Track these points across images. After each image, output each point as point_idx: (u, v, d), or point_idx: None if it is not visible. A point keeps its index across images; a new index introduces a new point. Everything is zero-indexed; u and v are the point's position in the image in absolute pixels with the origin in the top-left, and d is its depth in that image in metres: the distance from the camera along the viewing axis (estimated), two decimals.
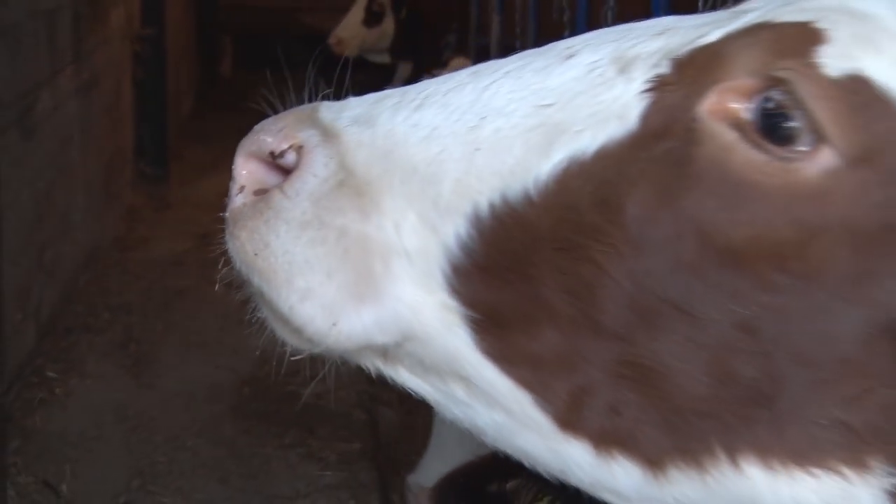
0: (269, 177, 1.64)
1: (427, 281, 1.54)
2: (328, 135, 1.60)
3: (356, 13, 13.01)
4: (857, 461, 1.41)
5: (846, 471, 1.41)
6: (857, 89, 1.35)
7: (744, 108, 1.38)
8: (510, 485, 2.23)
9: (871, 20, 1.41)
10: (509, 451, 1.64)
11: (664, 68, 1.47)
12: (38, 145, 6.83)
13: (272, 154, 1.62)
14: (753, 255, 1.38)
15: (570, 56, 1.57)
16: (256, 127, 1.68)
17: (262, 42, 17.23)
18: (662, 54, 1.49)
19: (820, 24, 1.40)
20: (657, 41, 1.53)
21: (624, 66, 1.50)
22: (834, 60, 1.36)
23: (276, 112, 1.77)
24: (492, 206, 1.50)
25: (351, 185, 1.56)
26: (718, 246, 1.38)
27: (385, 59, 13.29)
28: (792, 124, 1.34)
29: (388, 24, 12.88)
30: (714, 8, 4.29)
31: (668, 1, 5.78)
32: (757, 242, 1.37)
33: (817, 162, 1.34)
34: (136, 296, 8.24)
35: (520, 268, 1.50)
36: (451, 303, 1.53)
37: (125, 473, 5.81)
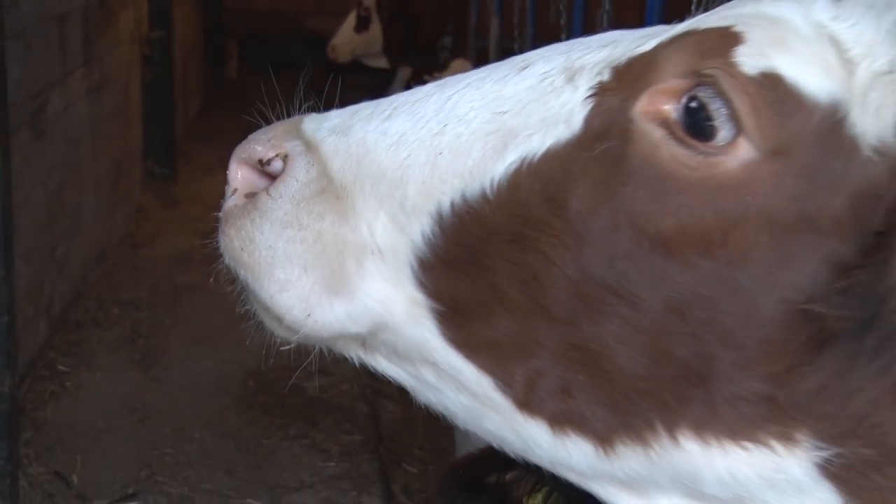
0: (258, 182, 1.79)
1: (397, 276, 1.65)
2: (310, 145, 1.73)
3: (350, 20, 13.09)
4: (784, 435, 1.48)
5: (775, 444, 1.48)
6: (772, 85, 1.42)
7: (671, 108, 1.46)
8: (509, 476, 2.26)
9: (783, 23, 1.48)
10: (478, 432, 1.73)
11: (606, 76, 1.56)
12: (49, 145, 6.83)
13: (261, 161, 1.76)
14: (681, 242, 1.45)
15: (525, 67, 1.67)
16: (249, 136, 1.82)
17: (266, 45, 17.25)
18: (605, 64, 1.58)
19: (737, 28, 1.48)
20: (602, 52, 1.62)
21: (571, 76, 1.59)
22: (751, 59, 1.44)
23: (268, 122, 1.89)
24: (453, 205, 1.60)
25: (329, 190, 1.69)
26: (650, 235, 1.46)
27: (383, 63, 13.30)
28: (712, 121, 1.42)
29: (375, 29, 12.96)
30: (707, 10, 4.26)
31: (663, 4, 5.78)
32: (684, 231, 1.44)
33: (736, 155, 1.42)
34: (145, 292, 8.25)
35: (477, 260, 1.59)
36: (419, 296, 1.63)
37: (134, 464, 5.82)
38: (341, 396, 6.67)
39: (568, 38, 7.81)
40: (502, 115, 1.62)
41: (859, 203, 1.40)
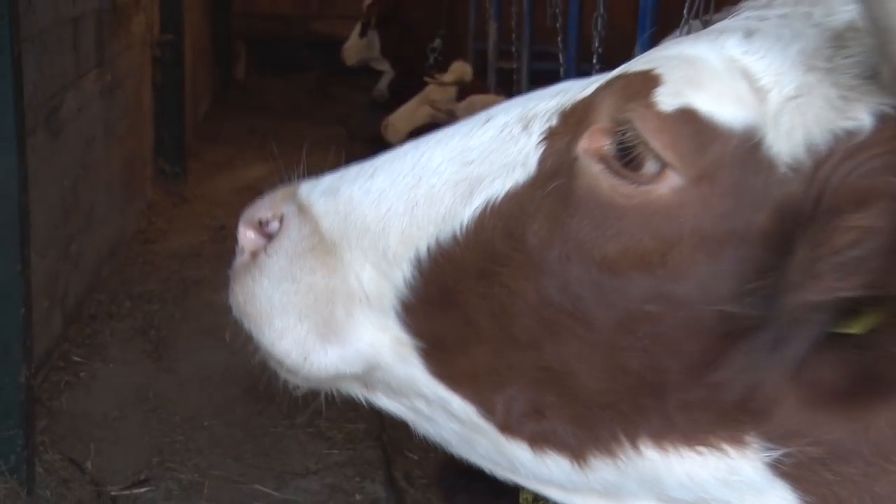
0: (261, 242, 1.94)
1: (383, 320, 1.78)
2: (303, 207, 1.88)
3: (358, 27, 13.19)
4: (734, 438, 1.56)
5: (726, 447, 1.57)
6: (688, 120, 1.53)
7: (606, 145, 1.57)
8: None
9: (698, 62, 1.59)
10: (471, 458, 1.86)
11: (555, 121, 1.69)
12: (63, 144, 6.83)
13: (261, 223, 1.93)
14: (624, 264, 1.55)
15: (488, 120, 1.81)
16: (255, 202, 1.97)
17: (273, 47, 17.26)
18: (555, 110, 1.71)
19: (658, 71, 1.60)
20: (553, 101, 1.75)
21: (526, 124, 1.73)
22: (668, 98, 1.55)
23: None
24: (429, 250, 1.73)
25: (320, 246, 1.83)
26: (597, 260, 1.57)
27: (385, 66, 13.31)
28: (640, 154, 1.53)
29: (373, 34, 13.04)
30: (699, 15, 4.27)
31: (655, 8, 5.77)
32: (626, 253, 1.55)
33: (666, 183, 1.52)
34: (156, 285, 8.25)
35: (453, 298, 1.72)
36: (404, 336, 1.76)
37: (146, 451, 5.83)
38: None
39: (564, 40, 7.80)
40: (469, 164, 1.74)
41: (781, 216, 1.48)
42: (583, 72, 6.93)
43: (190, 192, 10.79)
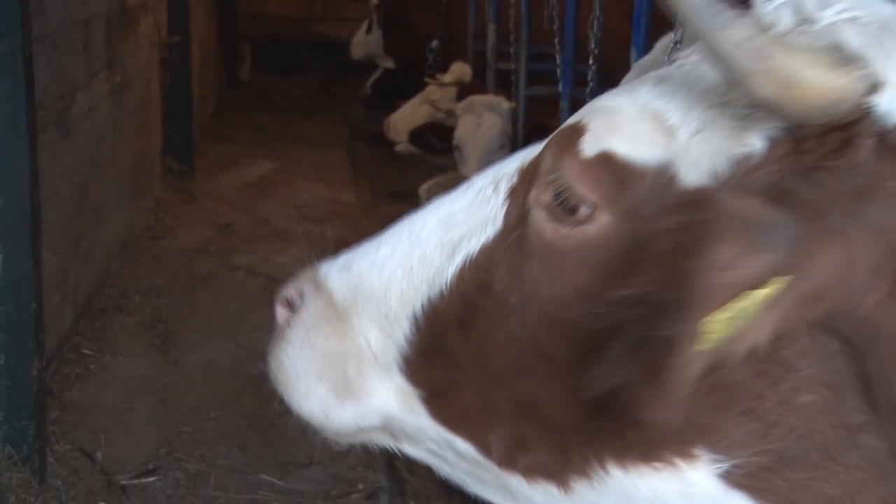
0: (289, 316, 2.14)
1: (389, 375, 1.96)
2: (319, 283, 2.08)
3: (365, 23, 13.22)
4: (684, 452, 1.66)
5: (678, 462, 1.67)
6: (608, 162, 1.68)
7: (546, 194, 1.73)
8: None
9: (615, 111, 1.75)
10: (483, 495, 2.01)
11: (515, 179, 1.87)
12: (74, 143, 6.83)
13: (287, 300, 2.14)
14: (570, 298, 1.69)
15: (469, 186, 1.98)
16: (287, 283, 2.19)
17: (278, 48, 17.27)
18: (516, 170, 1.89)
19: (584, 121, 1.76)
20: (516, 162, 1.93)
21: (496, 184, 1.90)
22: (590, 145, 1.71)
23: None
24: (423, 307, 1.90)
25: (333, 315, 2.03)
26: (547, 298, 1.72)
27: (390, 63, 13.31)
28: (572, 198, 1.69)
29: (376, 31, 13.07)
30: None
31: (650, 11, 5.76)
32: (570, 289, 1.69)
33: (597, 222, 1.67)
34: (164, 280, 8.26)
35: (443, 348, 1.89)
36: (408, 387, 1.94)
37: (154, 442, 5.83)
38: None
39: (561, 42, 7.80)
40: (453, 228, 1.92)
41: None
42: (579, 73, 6.93)
43: (197, 190, 10.79)
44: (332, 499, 5.35)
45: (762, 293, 1.49)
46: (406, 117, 9.91)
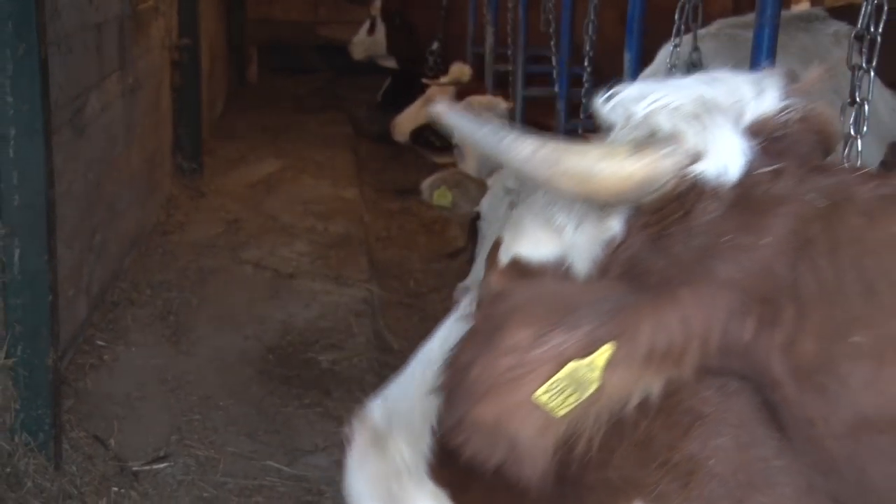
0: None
1: (421, 481, 2.19)
2: (365, 418, 2.37)
3: (367, 23, 13.15)
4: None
5: None
6: (515, 266, 1.93)
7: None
8: None
9: (519, 222, 1.97)
10: None
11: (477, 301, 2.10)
12: (88, 142, 6.83)
13: (346, 437, 2.42)
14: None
15: (455, 321, 2.21)
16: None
17: (284, 51, 17.25)
18: (473, 302, 2.15)
19: (502, 234, 2.02)
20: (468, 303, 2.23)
21: (467, 312, 2.08)
22: (503, 255, 1.98)
23: None
24: (437, 419, 2.08)
25: (377, 443, 2.30)
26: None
27: (392, 63, 13.28)
28: None
29: (380, 32, 13.00)
30: (687, 23, 4.28)
31: (642, 15, 5.76)
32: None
33: None
34: (174, 274, 8.26)
35: (454, 450, 1.94)
36: (435, 489, 2.16)
37: (165, 429, 5.84)
38: (352, 369, 6.69)
39: (556, 45, 7.80)
40: (447, 348, 1.99)
41: None
42: (574, 74, 6.93)
43: (206, 187, 10.79)
44: (336, 484, 5.34)
45: (585, 362, 1.60)
46: (410, 118, 9.91)
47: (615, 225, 1.76)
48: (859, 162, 3.33)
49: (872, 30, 3.22)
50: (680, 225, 1.69)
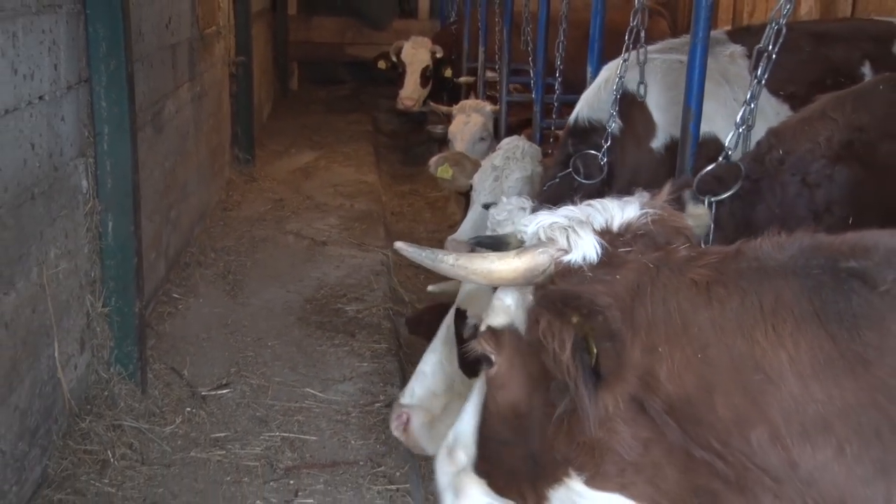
0: None
1: (474, 478, 2.49)
2: (448, 447, 2.62)
3: (416, 75, 11.66)
4: (566, 474, 2.21)
5: (566, 480, 2.22)
6: (489, 332, 2.40)
7: (483, 356, 2.39)
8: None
9: (491, 306, 2.40)
10: None
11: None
12: (165, 137, 6.84)
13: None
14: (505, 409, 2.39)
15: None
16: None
17: (318, 66, 17.17)
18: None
19: (485, 314, 2.47)
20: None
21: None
22: (482, 326, 2.43)
23: None
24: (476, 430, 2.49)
25: (449, 454, 2.58)
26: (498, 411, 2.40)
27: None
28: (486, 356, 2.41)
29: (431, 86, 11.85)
30: (635, 44, 4.27)
31: (601, 37, 5.74)
32: (503, 404, 2.41)
33: (495, 363, 2.36)
34: (233, 241, 8.27)
35: (483, 451, 2.48)
36: (479, 479, 2.48)
37: (226, 363, 5.87)
38: (372, 316, 6.71)
39: (534, 60, 7.72)
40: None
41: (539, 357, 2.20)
42: (548, 83, 6.91)
43: (257, 173, 10.78)
44: (360, 406, 5.39)
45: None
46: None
47: (529, 297, 2.23)
48: (751, 146, 3.38)
49: (770, 48, 3.21)
50: (548, 285, 2.18)
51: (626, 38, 4.55)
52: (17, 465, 4.10)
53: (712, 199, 3.13)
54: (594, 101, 4.76)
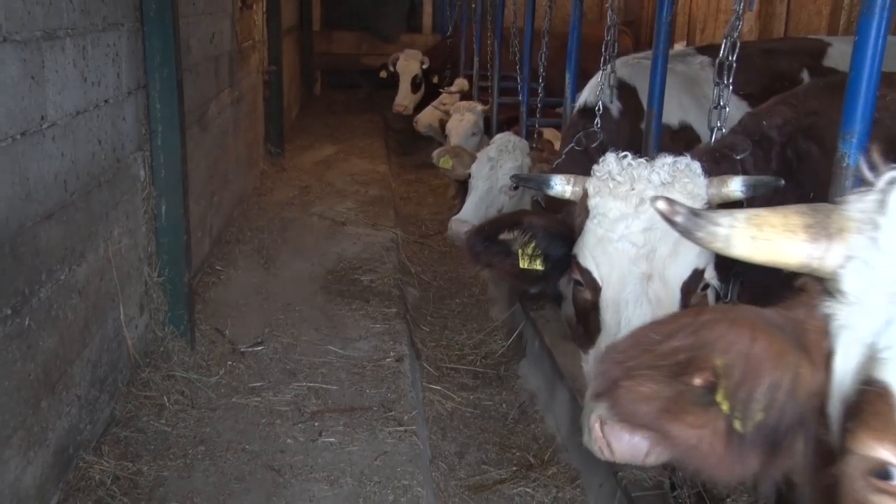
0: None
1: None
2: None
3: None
4: None
5: None
6: None
7: None
8: (513, 234, 2.74)
9: None
10: None
11: None
12: (209, 135, 6.84)
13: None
14: None
15: None
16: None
17: (338, 74, 17.12)
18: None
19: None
20: None
21: None
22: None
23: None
24: None
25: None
26: None
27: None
28: None
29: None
30: (609, 57, 4.28)
31: (578, 48, 5.72)
32: None
33: None
34: (266, 222, 8.28)
35: None
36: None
37: (261, 324, 5.90)
38: (383, 285, 6.74)
39: (521, 69, 7.70)
40: None
41: None
42: (532, 88, 6.92)
43: (287, 164, 10.77)
44: (374, 361, 5.43)
45: None
46: (427, 116, 9.89)
47: None
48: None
49: (730, 58, 3.26)
50: None
51: (603, 49, 4.78)
52: (90, 407, 4.15)
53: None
54: (596, 90, 4.99)
